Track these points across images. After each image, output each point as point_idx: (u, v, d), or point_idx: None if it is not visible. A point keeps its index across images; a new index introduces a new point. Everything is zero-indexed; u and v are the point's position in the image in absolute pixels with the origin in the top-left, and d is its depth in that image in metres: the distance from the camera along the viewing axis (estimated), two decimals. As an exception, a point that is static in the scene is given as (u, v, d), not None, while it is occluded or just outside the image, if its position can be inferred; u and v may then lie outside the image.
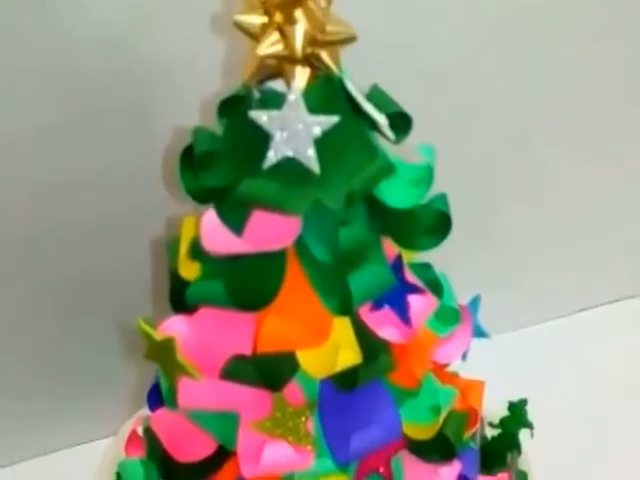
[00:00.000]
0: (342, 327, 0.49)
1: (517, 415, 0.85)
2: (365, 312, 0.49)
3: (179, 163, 0.48)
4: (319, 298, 0.46)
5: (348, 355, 0.48)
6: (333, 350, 0.47)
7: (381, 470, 0.54)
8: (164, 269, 0.51)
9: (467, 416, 0.57)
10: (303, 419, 0.50)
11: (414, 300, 0.50)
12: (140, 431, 0.59)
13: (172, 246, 0.50)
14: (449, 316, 0.56)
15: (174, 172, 0.48)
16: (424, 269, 0.55)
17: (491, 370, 0.84)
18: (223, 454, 0.53)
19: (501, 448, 0.83)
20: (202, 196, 0.46)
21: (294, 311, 0.46)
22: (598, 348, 0.93)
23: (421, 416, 0.52)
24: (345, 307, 0.46)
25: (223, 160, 0.45)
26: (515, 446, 0.84)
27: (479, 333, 0.58)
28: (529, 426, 0.84)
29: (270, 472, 0.50)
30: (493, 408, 0.81)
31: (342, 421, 0.51)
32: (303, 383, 0.50)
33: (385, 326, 0.50)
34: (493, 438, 0.83)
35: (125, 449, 0.59)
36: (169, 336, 0.47)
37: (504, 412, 0.83)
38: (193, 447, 0.53)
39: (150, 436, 0.55)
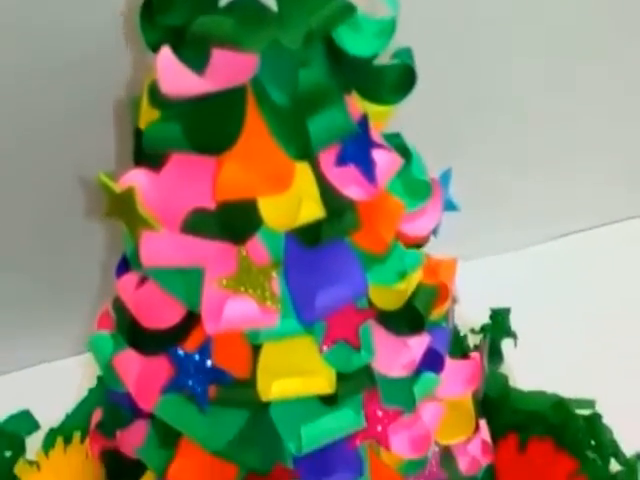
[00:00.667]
0: (305, 181, 0.48)
1: (499, 323, 0.85)
2: (329, 168, 0.49)
3: (139, 15, 0.47)
4: (278, 143, 0.46)
5: (311, 207, 0.48)
6: (295, 201, 0.47)
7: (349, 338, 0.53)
8: (128, 132, 0.51)
9: (437, 290, 0.57)
10: (268, 278, 0.50)
11: (379, 156, 0.49)
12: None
13: (136, 103, 0.50)
14: (419, 189, 0.56)
15: (136, 30, 0.48)
16: (393, 137, 0.54)
17: (482, 289, 0.84)
18: (191, 321, 0.53)
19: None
20: (162, 44, 0.46)
21: (254, 157, 0.46)
22: (590, 269, 0.94)
23: (388, 279, 0.52)
24: (304, 150, 0.46)
25: (181, 2, 0.45)
26: (496, 354, 0.84)
27: (450, 207, 0.57)
28: (512, 335, 0.84)
29: (233, 327, 0.49)
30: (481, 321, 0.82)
31: (307, 280, 0.50)
32: (267, 240, 0.49)
33: (350, 185, 0.49)
34: (475, 346, 0.82)
35: (96, 326, 0.59)
36: (129, 186, 0.47)
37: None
38: (161, 313, 0.53)
39: (118, 306, 0.55)
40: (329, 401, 0.54)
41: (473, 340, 0.82)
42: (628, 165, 0.93)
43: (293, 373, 0.53)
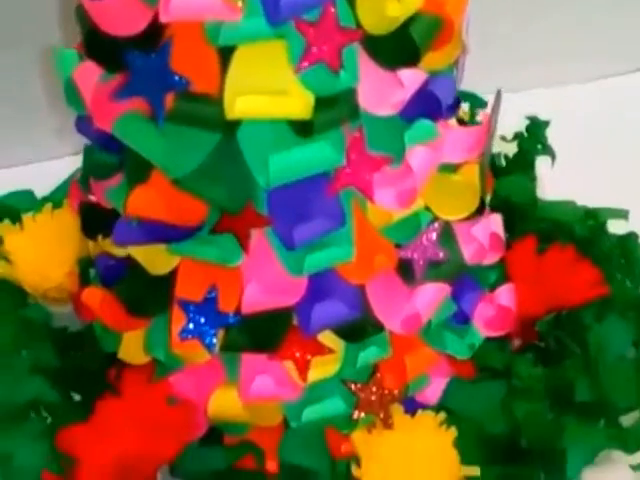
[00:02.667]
0: None
1: (536, 135, 0.77)
2: None
3: None
4: None
5: None
6: None
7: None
8: None
9: (440, 22, 0.50)
10: None
11: None
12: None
13: None
14: None
15: None
16: None
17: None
18: (158, 31, 0.47)
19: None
20: None
21: None
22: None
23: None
24: None
25: None
26: (529, 168, 0.77)
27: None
28: (548, 152, 0.77)
29: (188, 15, 0.43)
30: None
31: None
32: None
33: None
34: (508, 161, 0.76)
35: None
36: None
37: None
38: (122, 16, 0.47)
39: (80, 13, 0.50)
40: (304, 130, 0.48)
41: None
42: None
43: (264, 90, 0.47)
